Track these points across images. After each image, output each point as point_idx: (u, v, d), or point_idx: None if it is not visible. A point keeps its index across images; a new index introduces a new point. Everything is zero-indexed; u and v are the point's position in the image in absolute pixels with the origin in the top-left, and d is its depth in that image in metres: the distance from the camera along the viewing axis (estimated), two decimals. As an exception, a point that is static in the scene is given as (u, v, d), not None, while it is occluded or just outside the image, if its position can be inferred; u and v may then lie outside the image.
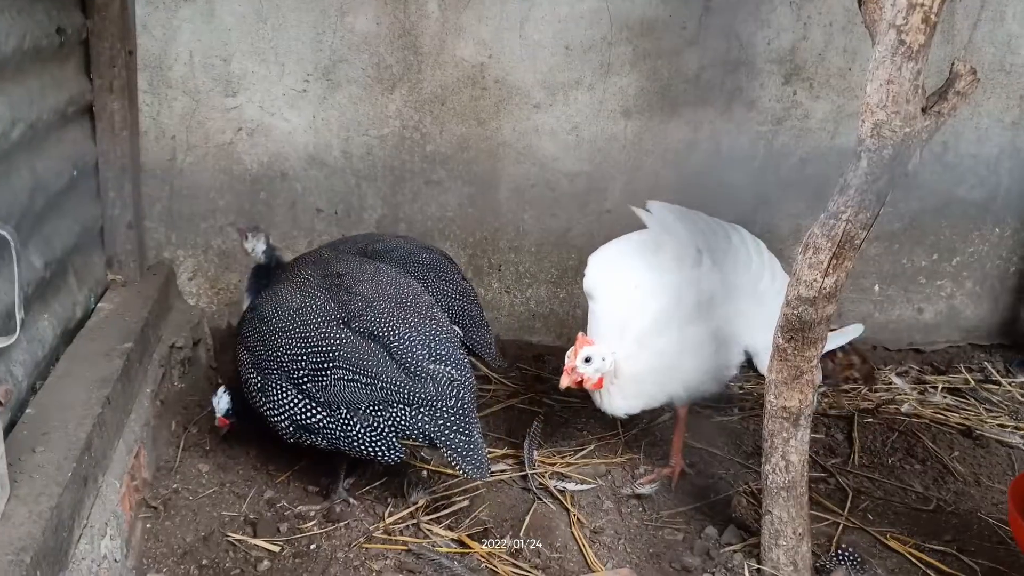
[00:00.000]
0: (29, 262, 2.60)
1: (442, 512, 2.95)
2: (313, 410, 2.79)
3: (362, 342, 2.77)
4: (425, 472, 3.16)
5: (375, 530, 2.85)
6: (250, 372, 2.94)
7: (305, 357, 2.79)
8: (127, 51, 3.32)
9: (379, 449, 2.77)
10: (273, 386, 2.85)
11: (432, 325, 2.83)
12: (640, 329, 2.90)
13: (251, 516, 2.90)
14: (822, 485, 3.24)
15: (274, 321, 2.90)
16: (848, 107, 4.04)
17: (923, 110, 2.21)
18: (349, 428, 2.76)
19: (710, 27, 3.92)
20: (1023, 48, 4.09)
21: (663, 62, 3.95)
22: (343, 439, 2.78)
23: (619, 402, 2.95)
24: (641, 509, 3.06)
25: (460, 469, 2.72)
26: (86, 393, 2.60)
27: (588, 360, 2.86)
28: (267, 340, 2.89)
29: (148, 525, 2.82)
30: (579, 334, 2.92)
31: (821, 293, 2.35)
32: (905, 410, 3.80)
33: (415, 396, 2.71)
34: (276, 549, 2.75)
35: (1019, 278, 4.46)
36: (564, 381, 2.90)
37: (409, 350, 2.76)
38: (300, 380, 2.80)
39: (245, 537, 2.79)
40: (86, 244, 3.23)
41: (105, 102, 3.29)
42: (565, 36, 3.87)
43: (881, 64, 2.14)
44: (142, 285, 3.51)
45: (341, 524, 2.87)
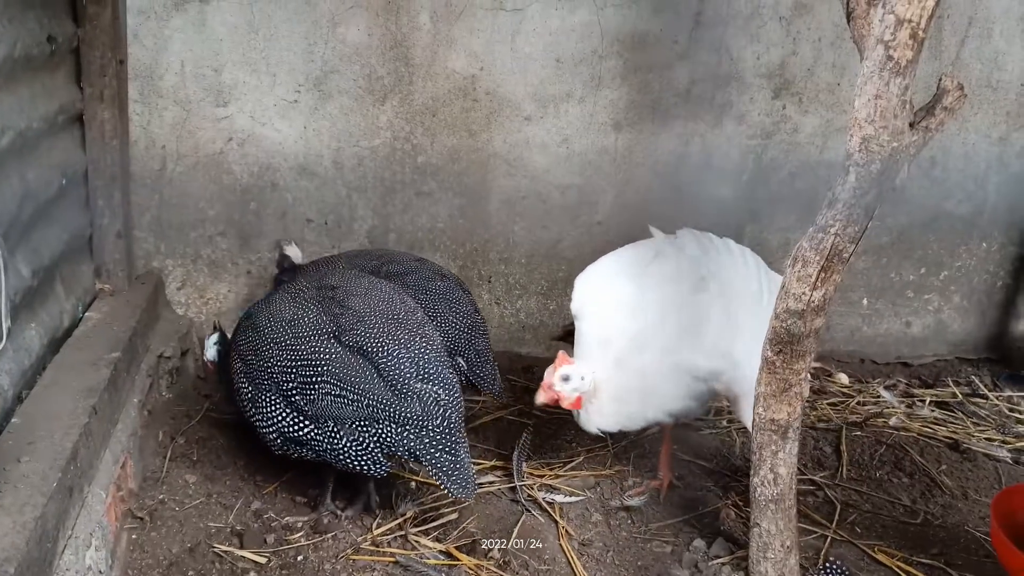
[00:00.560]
0: (16, 270, 2.59)
1: (430, 524, 2.94)
2: (301, 423, 2.78)
3: (351, 357, 2.75)
4: (413, 484, 3.15)
5: (363, 542, 2.84)
6: (242, 381, 2.93)
7: (295, 370, 2.78)
8: (118, 60, 3.32)
9: (366, 464, 2.76)
10: (263, 397, 2.84)
11: (422, 343, 2.81)
12: (619, 348, 2.89)
13: (238, 527, 2.89)
14: (810, 498, 3.24)
15: (267, 331, 2.89)
16: (837, 121, 4.07)
17: (911, 125, 2.22)
18: (336, 442, 2.75)
19: (700, 41, 3.94)
20: (1010, 64, 4.13)
21: (654, 75, 3.97)
22: (330, 452, 2.77)
23: (597, 419, 2.94)
24: (630, 521, 3.06)
25: (445, 488, 2.70)
26: (72, 403, 2.59)
27: (566, 379, 2.87)
28: (259, 350, 2.89)
29: (134, 536, 2.80)
30: (560, 352, 2.93)
31: (809, 306, 2.35)
32: (893, 423, 3.81)
33: (401, 414, 2.70)
34: (263, 561, 2.73)
35: (1006, 292, 4.49)
36: (540, 397, 2.91)
37: (397, 367, 2.74)
38: (289, 393, 2.79)
39: (232, 548, 2.77)
40: (74, 253, 3.22)
41: (95, 111, 3.28)
42: (556, 49, 3.88)
43: (869, 79, 2.16)
44: (130, 294, 3.50)
45: (328, 535, 2.86)
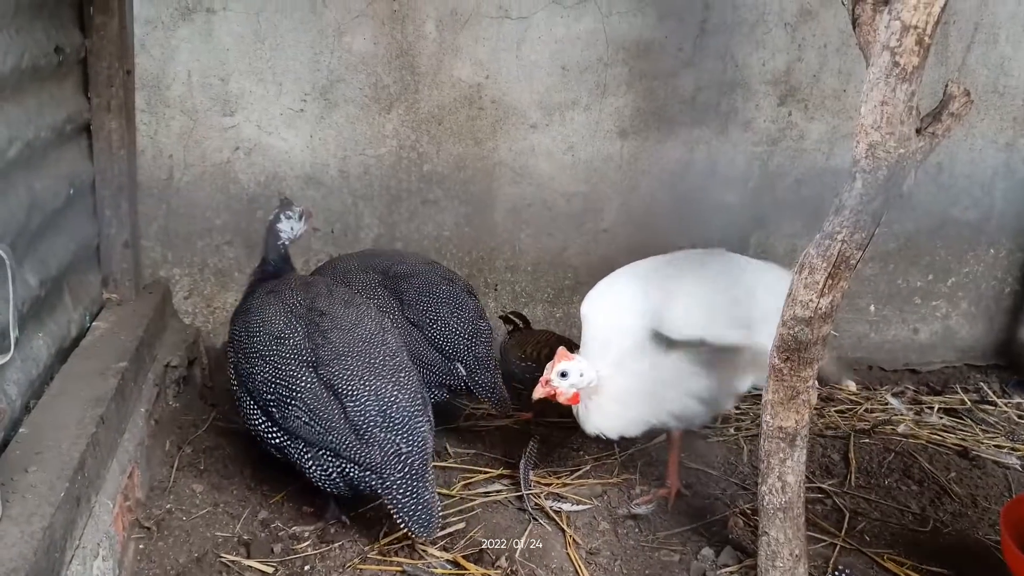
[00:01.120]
0: (24, 280, 2.60)
1: (437, 533, 2.93)
2: (276, 432, 2.82)
3: (323, 391, 2.74)
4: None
5: (370, 551, 2.83)
6: (230, 369, 3.00)
7: (273, 386, 2.80)
8: (125, 70, 3.33)
9: (329, 487, 2.78)
10: (245, 399, 2.90)
11: (394, 391, 2.75)
12: (621, 349, 2.90)
13: (245, 537, 2.88)
14: (819, 506, 3.22)
15: (256, 339, 2.90)
16: (843, 128, 4.07)
17: (917, 131, 2.22)
18: (304, 460, 2.78)
19: (706, 48, 3.95)
20: (1016, 70, 4.12)
21: (659, 83, 3.97)
22: (300, 465, 2.81)
23: (597, 419, 2.93)
24: (637, 530, 3.05)
25: (406, 527, 2.67)
26: (80, 412, 2.59)
27: (564, 375, 2.86)
28: (247, 353, 2.91)
29: (141, 546, 2.80)
30: (560, 348, 2.93)
31: (817, 313, 2.35)
32: (901, 431, 3.79)
33: (361, 458, 2.68)
34: (270, 571, 2.72)
35: (1014, 299, 4.47)
36: (537, 392, 2.90)
37: (362, 413, 2.70)
38: (267, 404, 2.82)
39: (239, 558, 2.77)
40: (82, 262, 3.23)
41: (103, 121, 3.30)
42: (561, 57, 3.89)
43: (875, 85, 2.15)
44: (138, 304, 3.51)
45: (335, 545, 2.85)
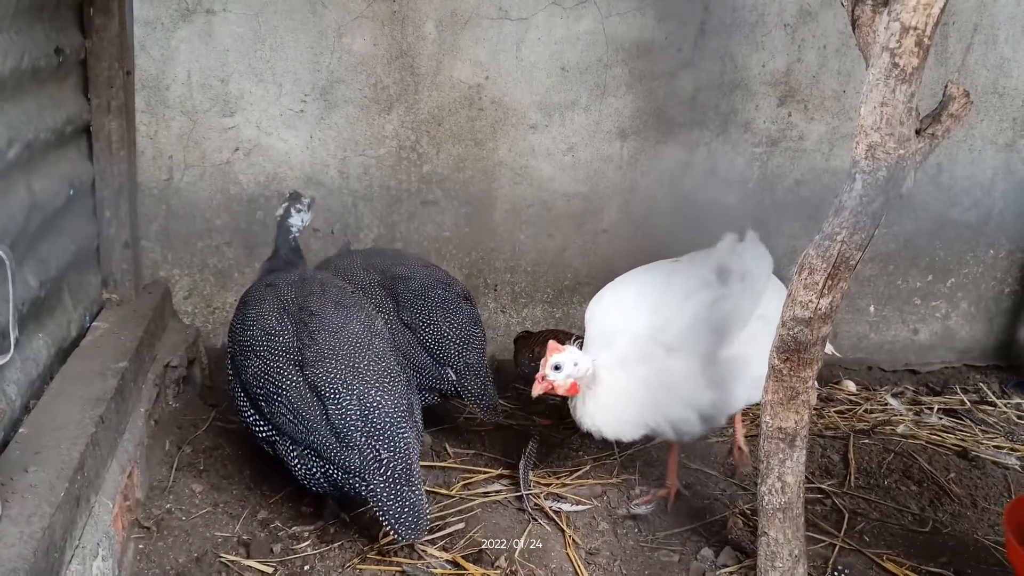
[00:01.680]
0: (24, 281, 2.60)
1: (437, 533, 2.93)
2: (265, 426, 2.83)
3: (307, 392, 2.74)
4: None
5: (369, 551, 2.83)
6: (227, 359, 3.00)
7: (262, 379, 2.81)
8: (125, 71, 3.33)
9: (314, 486, 2.78)
10: (238, 391, 2.91)
11: (376, 396, 2.72)
12: (624, 349, 2.88)
13: (244, 537, 2.88)
14: (818, 506, 3.23)
15: (248, 333, 2.91)
16: (842, 129, 4.07)
17: (917, 132, 2.22)
18: (291, 457, 2.78)
19: (705, 49, 3.95)
20: (1016, 71, 4.13)
21: (659, 84, 3.97)
22: (287, 461, 2.81)
23: (593, 413, 2.90)
24: (637, 530, 3.05)
25: (391, 531, 2.64)
26: (80, 412, 2.59)
27: (558, 368, 2.84)
28: (241, 345, 2.92)
29: (141, 546, 2.80)
30: (550, 341, 2.92)
31: (816, 314, 2.35)
32: (901, 431, 3.79)
33: (341, 462, 2.67)
34: (269, 571, 2.72)
35: (1014, 299, 4.47)
36: (536, 389, 2.89)
37: (344, 417, 2.68)
38: (256, 397, 2.83)
39: (238, 558, 2.77)
40: (82, 263, 3.23)
41: (103, 122, 3.30)
42: (561, 57, 3.89)
43: (875, 86, 2.16)
44: (137, 304, 3.51)
45: (335, 545, 2.85)
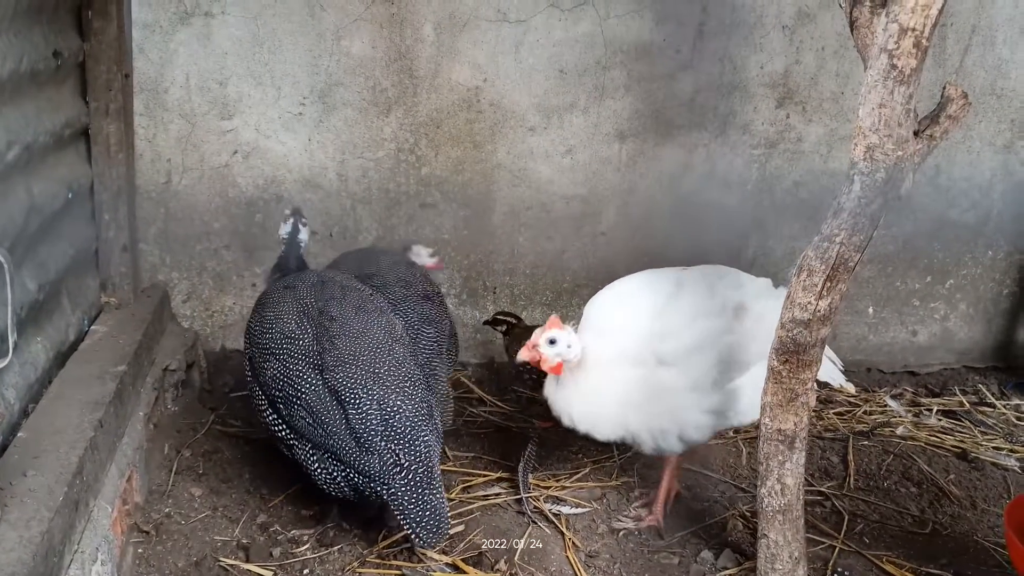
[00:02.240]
0: (23, 284, 2.59)
1: (436, 536, 2.93)
2: (285, 429, 2.82)
3: (327, 396, 2.73)
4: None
5: (368, 554, 2.83)
6: (246, 360, 2.97)
7: (281, 381, 2.80)
8: (123, 74, 3.33)
9: (334, 492, 2.77)
10: (257, 392, 2.90)
11: (397, 401, 2.71)
12: (618, 346, 2.85)
13: (244, 541, 2.88)
14: (818, 508, 3.22)
15: (268, 336, 2.89)
16: (841, 130, 4.07)
17: (915, 133, 2.22)
18: (311, 462, 2.77)
19: (704, 51, 3.95)
20: (1014, 72, 4.13)
21: (657, 86, 3.97)
22: (306, 465, 2.79)
23: (571, 396, 2.86)
24: (636, 533, 3.04)
25: (414, 535, 2.64)
26: (78, 416, 2.59)
27: (553, 342, 2.82)
28: (260, 347, 2.90)
29: (140, 550, 2.79)
30: (552, 316, 2.90)
31: (815, 315, 2.35)
32: (900, 433, 3.79)
33: (362, 466, 2.67)
34: (268, 574, 2.72)
35: (1012, 301, 4.48)
36: (523, 354, 2.87)
37: (364, 422, 2.68)
38: (275, 399, 2.82)
39: (237, 562, 2.76)
40: (80, 266, 3.23)
41: (101, 125, 3.30)
42: (560, 60, 3.89)
43: (873, 88, 2.16)
44: (136, 308, 3.51)
45: (334, 549, 2.85)
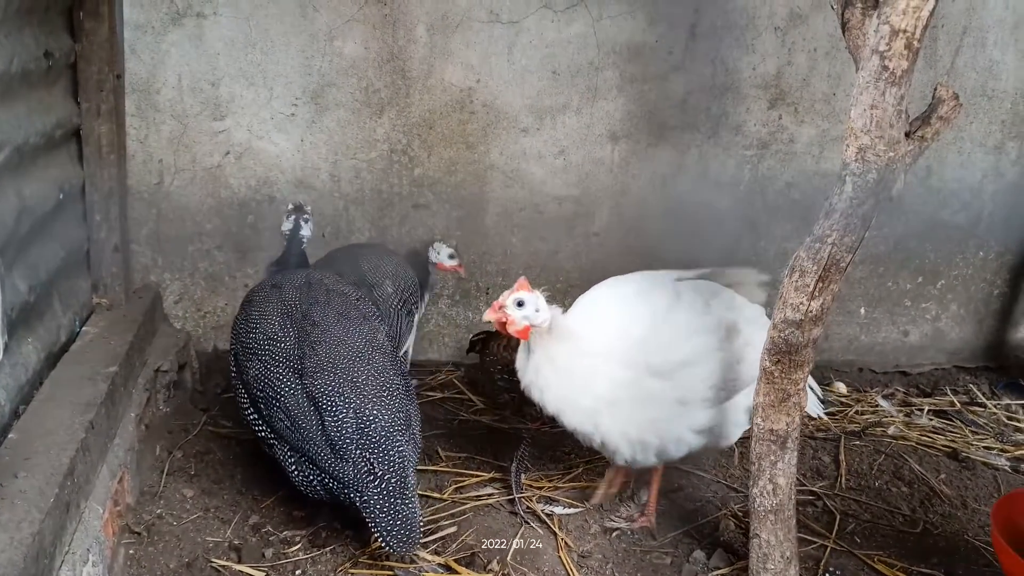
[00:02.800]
0: (14, 285, 2.58)
1: (428, 537, 2.92)
2: (265, 428, 2.82)
3: (304, 401, 2.73)
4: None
5: (361, 555, 2.82)
6: (231, 356, 2.98)
7: (262, 382, 2.80)
8: (115, 75, 3.32)
9: (311, 493, 2.76)
10: (240, 389, 2.91)
11: (374, 411, 2.70)
12: (604, 334, 2.79)
13: (236, 542, 2.87)
14: (809, 508, 3.23)
15: (251, 335, 2.89)
16: (833, 131, 4.09)
17: (907, 135, 2.23)
18: (288, 464, 2.77)
19: (696, 52, 3.96)
20: (1004, 73, 4.15)
21: (650, 87, 3.98)
22: (283, 467, 2.79)
23: (542, 369, 2.76)
24: (629, 533, 3.05)
25: (384, 543, 2.63)
26: (70, 418, 2.58)
27: (520, 304, 2.75)
28: (244, 345, 2.91)
29: (131, 551, 2.79)
30: (521, 278, 2.83)
31: (807, 316, 2.36)
32: (892, 432, 3.81)
33: (336, 473, 2.66)
34: (261, 575, 2.72)
35: (1003, 301, 4.50)
36: (488, 314, 2.79)
37: (340, 430, 2.67)
38: (256, 399, 2.82)
39: (229, 563, 2.76)
40: (71, 267, 3.22)
41: (92, 126, 3.29)
42: (552, 61, 3.90)
43: (865, 89, 2.17)
44: (128, 309, 3.50)
45: (327, 549, 2.85)
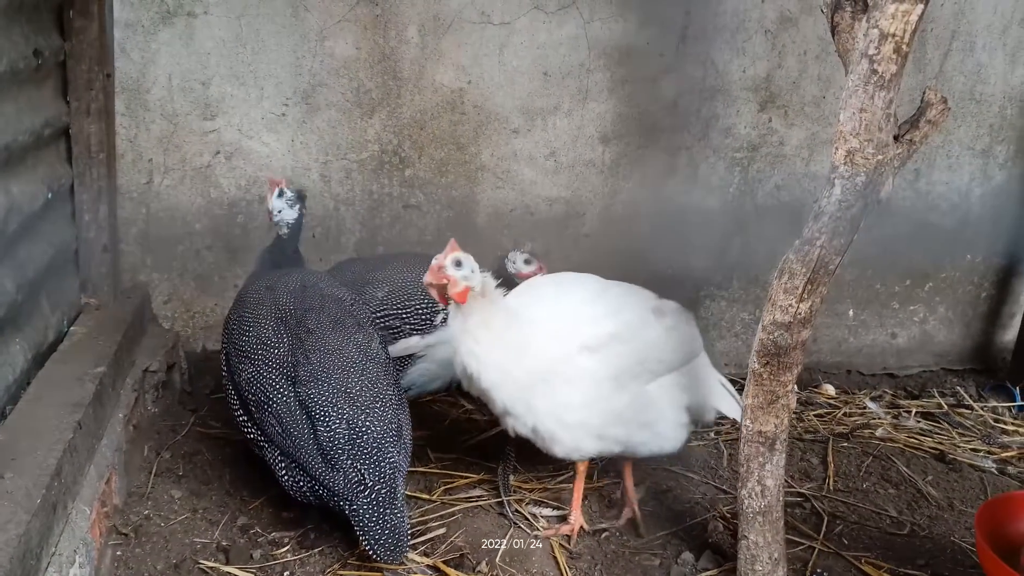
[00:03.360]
0: (1, 285, 2.57)
1: (418, 538, 2.92)
2: (255, 430, 2.82)
3: (297, 409, 2.73)
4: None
5: (350, 556, 2.82)
6: (223, 355, 2.97)
7: (254, 385, 2.80)
8: (105, 74, 3.31)
9: (301, 497, 2.76)
10: (231, 390, 2.91)
11: (366, 422, 2.71)
12: (549, 317, 2.77)
13: (224, 543, 2.86)
14: (797, 510, 3.24)
15: (244, 338, 2.89)
16: (822, 134, 4.11)
17: (895, 138, 2.24)
18: (278, 468, 2.77)
19: (686, 55, 3.97)
20: (992, 77, 4.18)
21: (640, 89, 3.99)
22: (273, 470, 2.79)
23: (476, 330, 2.69)
24: (618, 534, 3.05)
25: (371, 552, 2.63)
26: (57, 418, 2.57)
27: (459, 264, 2.67)
28: (237, 347, 2.90)
29: (118, 552, 2.77)
30: (451, 239, 2.73)
31: (796, 318, 2.36)
32: (879, 434, 3.82)
33: (327, 481, 2.66)
34: (249, 576, 2.71)
35: (990, 303, 4.52)
36: (427, 277, 2.69)
37: (331, 439, 2.67)
38: (247, 400, 2.81)
39: (217, 564, 2.75)
40: (60, 267, 3.20)
41: (82, 125, 3.27)
42: (543, 62, 3.90)
43: (854, 93, 2.18)
44: (116, 308, 3.48)
45: (315, 551, 2.84)
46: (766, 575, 2.60)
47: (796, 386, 2.49)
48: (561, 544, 2.96)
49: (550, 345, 2.74)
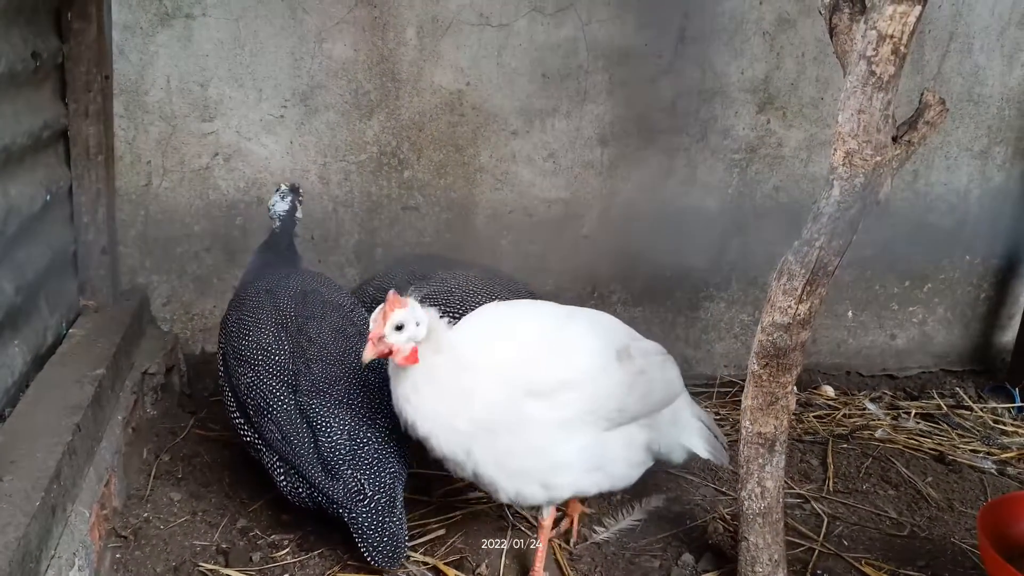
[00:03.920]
0: (0, 287, 2.57)
1: (418, 540, 2.92)
2: (253, 435, 2.82)
3: (298, 417, 2.73)
4: (401, 499, 3.14)
5: (349, 559, 2.81)
6: (219, 357, 2.97)
7: (253, 391, 2.79)
8: (103, 76, 3.30)
9: (299, 502, 2.76)
10: (228, 394, 2.90)
11: (368, 433, 2.72)
12: (494, 358, 2.51)
13: (223, 545, 2.86)
14: (797, 511, 3.24)
15: (244, 342, 2.88)
16: (821, 136, 4.11)
17: (894, 139, 2.25)
18: (276, 473, 2.77)
19: (685, 56, 3.97)
20: (990, 79, 4.18)
21: (639, 90, 3.99)
22: (271, 475, 2.79)
23: (417, 379, 2.44)
24: (617, 536, 3.05)
25: (369, 558, 2.64)
26: (56, 420, 2.57)
27: (400, 328, 2.38)
28: (235, 350, 2.89)
29: (118, 555, 2.77)
30: (391, 292, 2.42)
31: (795, 319, 2.37)
32: (879, 435, 3.83)
33: (326, 489, 2.66)
34: (249, 579, 2.71)
35: (989, 304, 4.53)
36: (367, 353, 2.40)
37: (332, 449, 2.68)
38: (245, 404, 2.81)
39: (217, 567, 2.75)
40: (58, 269, 3.20)
41: (80, 127, 3.27)
42: (542, 64, 3.90)
43: (852, 94, 2.18)
44: (115, 311, 3.48)
45: (315, 553, 2.84)
46: (766, 576, 2.60)
47: (795, 387, 2.49)
48: (561, 545, 2.96)
49: (494, 391, 2.48)
